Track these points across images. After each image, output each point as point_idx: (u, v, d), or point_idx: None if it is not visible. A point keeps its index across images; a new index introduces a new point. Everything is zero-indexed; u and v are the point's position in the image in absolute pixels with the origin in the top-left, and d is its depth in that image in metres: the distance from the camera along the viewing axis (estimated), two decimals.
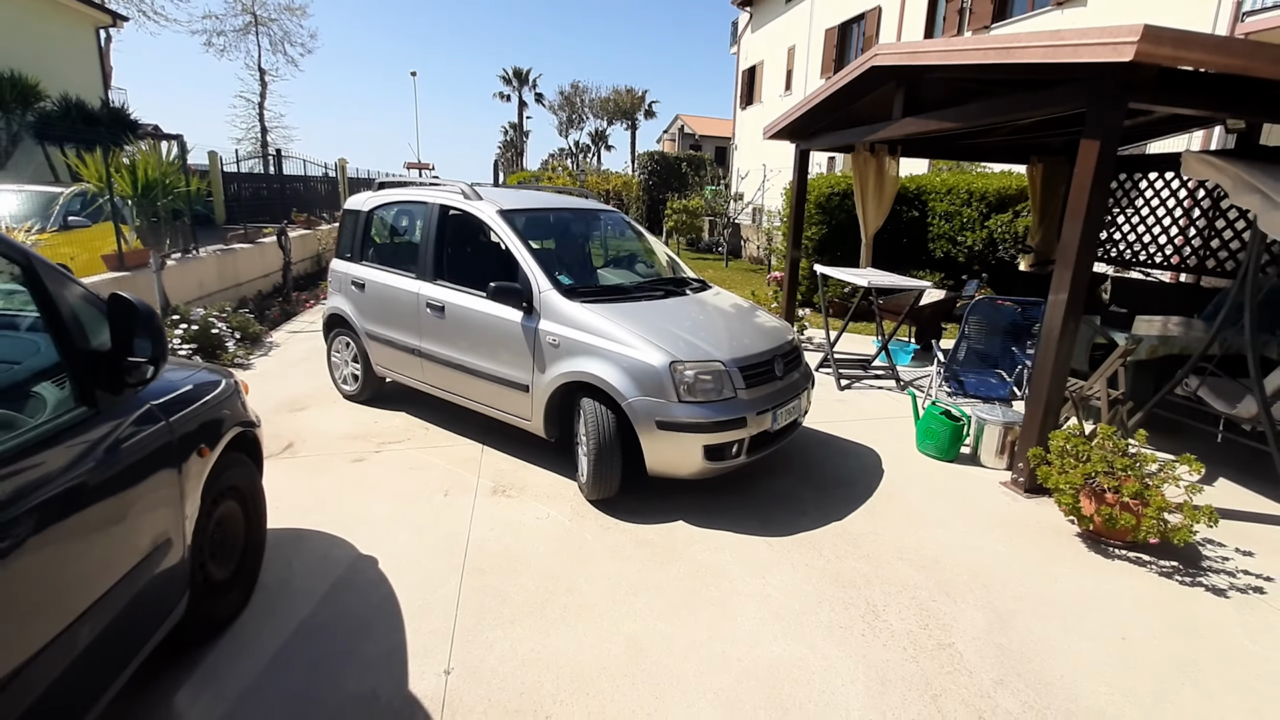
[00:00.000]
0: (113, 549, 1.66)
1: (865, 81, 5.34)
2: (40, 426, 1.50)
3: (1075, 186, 3.51)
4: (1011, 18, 12.63)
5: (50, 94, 13.44)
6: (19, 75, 12.34)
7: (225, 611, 2.46)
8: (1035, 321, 4.89)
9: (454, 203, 4.49)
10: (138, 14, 23.50)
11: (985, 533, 3.42)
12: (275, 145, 27.37)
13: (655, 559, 3.06)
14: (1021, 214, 8.55)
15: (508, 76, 47.78)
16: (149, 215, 7.65)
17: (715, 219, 19.34)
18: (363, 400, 5.17)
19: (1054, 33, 3.37)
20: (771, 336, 3.98)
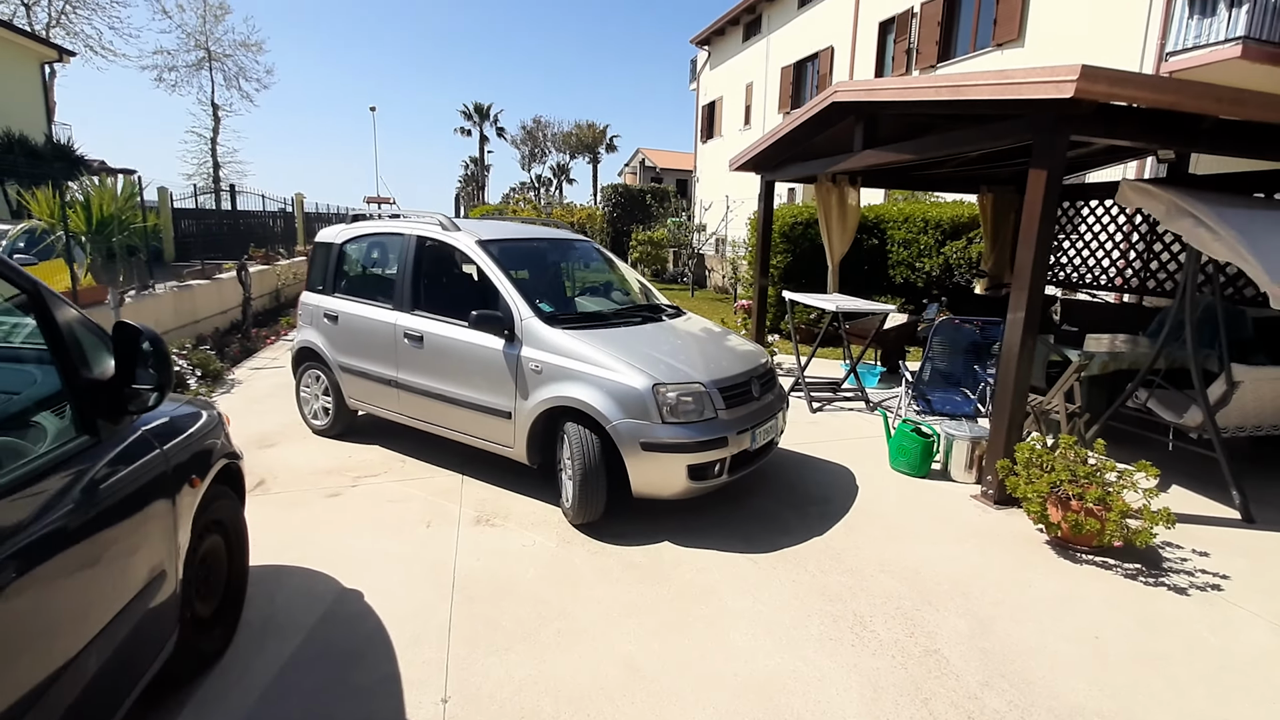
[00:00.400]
0: (113, 580, 1.63)
1: (826, 116, 5.62)
2: (43, 456, 1.48)
3: (1026, 214, 3.75)
4: (956, 57, 13.42)
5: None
6: None
7: (211, 647, 2.39)
8: (994, 341, 5.13)
9: (431, 234, 4.53)
10: (85, 49, 23.14)
11: (960, 543, 3.54)
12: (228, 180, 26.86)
13: (644, 580, 3.08)
14: (974, 240, 8.97)
15: (469, 112, 48.22)
16: (103, 252, 7.46)
17: (679, 250, 19.69)
18: (334, 435, 5.08)
19: (1001, 72, 3.64)
20: (747, 359, 4.09)
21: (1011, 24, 12.00)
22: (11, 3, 21.64)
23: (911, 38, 14.44)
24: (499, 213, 26.68)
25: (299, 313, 5.27)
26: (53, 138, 16.64)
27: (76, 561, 1.49)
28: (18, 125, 14.46)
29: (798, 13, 18.85)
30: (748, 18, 21.68)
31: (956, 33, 13.63)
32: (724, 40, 23.75)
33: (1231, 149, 4.32)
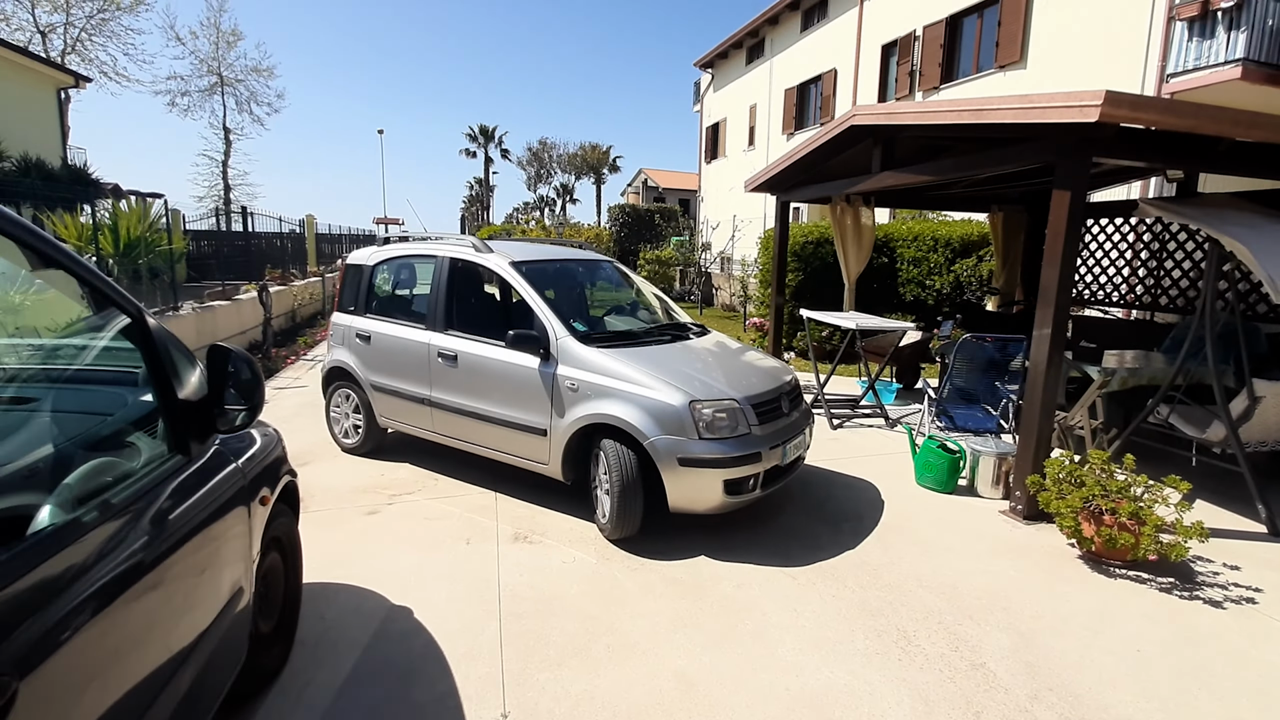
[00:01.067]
0: (206, 596, 1.69)
1: (844, 139, 5.74)
2: (145, 475, 1.55)
3: (1051, 233, 3.84)
4: (959, 79, 13.65)
5: (9, 153, 13.31)
6: None
7: (270, 665, 2.44)
8: (1013, 357, 5.20)
9: (464, 255, 4.64)
10: (100, 75, 23.58)
11: (994, 558, 3.58)
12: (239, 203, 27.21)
13: (687, 596, 3.12)
14: (984, 258, 9.09)
15: (474, 134, 48.84)
16: (130, 273, 7.60)
17: (687, 269, 19.85)
18: (364, 452, 5.15)
19: (1024, 96, 3.75)
20: (775, 376, 4.15)
21: (1013, 46, 12.23)
22: (28, 30, 22.12)
23: (914, 60, 14.71)
24: (506, 233, 26.94)
25: (329, 333, 5.36)
26: (68, 161, 16.93)
27: (177, 579, 1.55)
28: (35, 149, 14.73)
29: (801, 36, 19.20)
30: (750, 41, 22.07)
31: (959, 55, 13.88)
32: (727, 63, 24.15)
33: (1244, 169, 4.43)
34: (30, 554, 1.14)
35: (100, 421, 1.73)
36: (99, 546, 1.28)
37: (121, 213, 7.93)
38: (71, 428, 1.63)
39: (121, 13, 23.58)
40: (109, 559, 1.29)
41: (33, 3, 22.01)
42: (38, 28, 22.33)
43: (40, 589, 1.12)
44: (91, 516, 1.28)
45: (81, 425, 1.68)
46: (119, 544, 1.33)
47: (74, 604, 1.17)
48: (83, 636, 1.17)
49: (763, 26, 20.88)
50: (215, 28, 28.39)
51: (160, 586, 1.45)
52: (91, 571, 1.24)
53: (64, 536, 1.21)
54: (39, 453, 1.45)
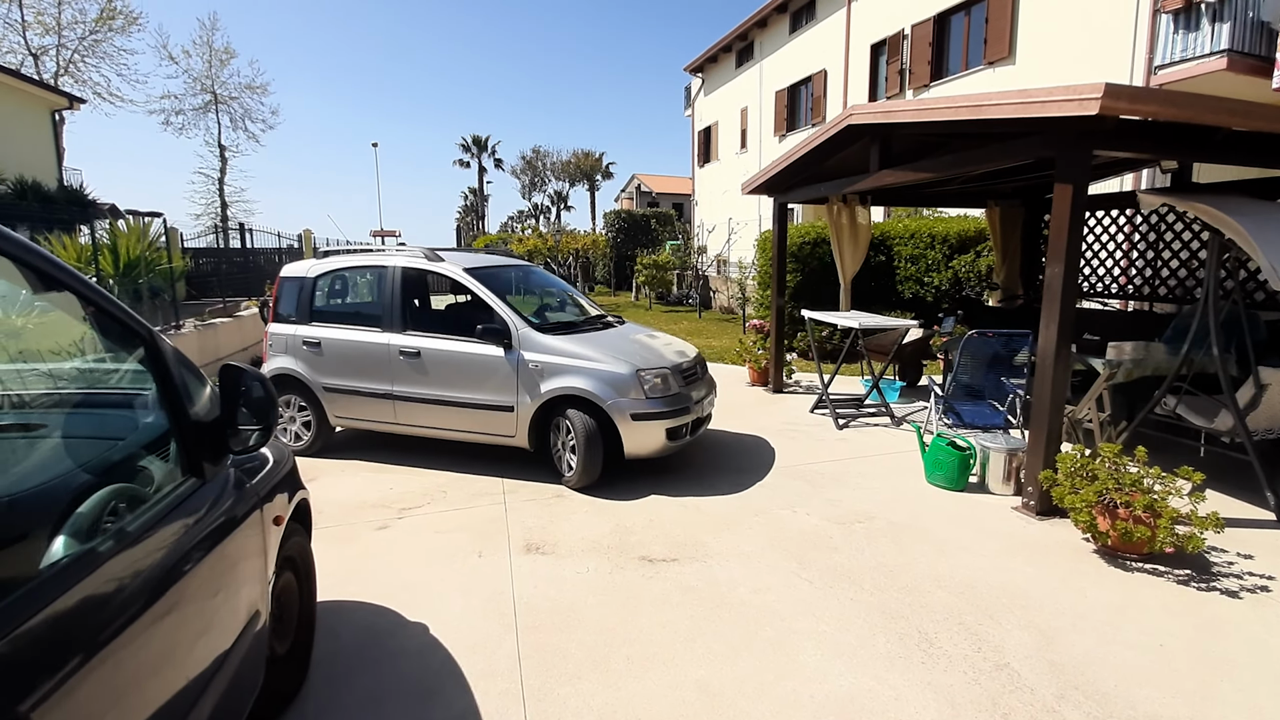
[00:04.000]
0: (225, 621, 1.66)
1: (841, 139, 5.75)
2: (161, 500, 1.52)
3: (1054, 227, 3.84)
4: (948, 76, 13.71)
5: (5, 176, 13.27)
6: None
7: (287, 687, 2.41)
8: (1018, 352, 5.20)
9: (417, 264, 5.22)
10: (93, 96, 23.54)
11: (1010, 556, 3.56)
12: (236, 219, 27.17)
13: (704, 604, 3.10)
14: (983, 254, 9.10)
15: (467, 144, 48.93)
16: (130, 293, 7.57)
17: (684, 272, 19.87)
18: (313, 453, 5.41)
19: (1023, 91, 3.75)
20: (688, 352, 5.22)
21: (1001, 43, 12.30)
22: (20, 52, 22.10)
23: (904, 58, 14.78)
24: (502, 242, 26.97)
25: (269, 344, 5.50)
26: (64, 183, 16.88)
27: (195, 605, 1.52)
28: (30, 171, 14.67)
29: (790, 38, 19.28)
30: (740, 44, 22.16)
31: (948, 53, 13.95)
32: (717, 67, 24.24)
33: (1239, 159, 4.43)
34: (45, 588, 1.11)
35: (112, 446, 1.70)
36: (115, 577, 1.25)
37: (120, 233, 7.91)
38: (83, 454, 1.60)
39: (114, 34, 23.57)
40: (125, 589, 1.26)
41: (24, 25, 22.00)
42: (29, 50, 22.29)
43: (55, 623, 1.09)
44: (107, 546, 1.25)
45: (93, 451, 1.65)
46: (135, 573, 1.31)
47: (91, 637, 1.15)
48: (101, 671, 1.15)
49: (751, 29, 20.97)
50: (208, 46, 28.34)
51: (178, 614, 1.42)
52: (108, 603, 1.21)
53: (79, 568, 1.18)
54: (50, 481, 1.42)
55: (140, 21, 24.11)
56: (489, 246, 26.96)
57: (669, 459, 5.21)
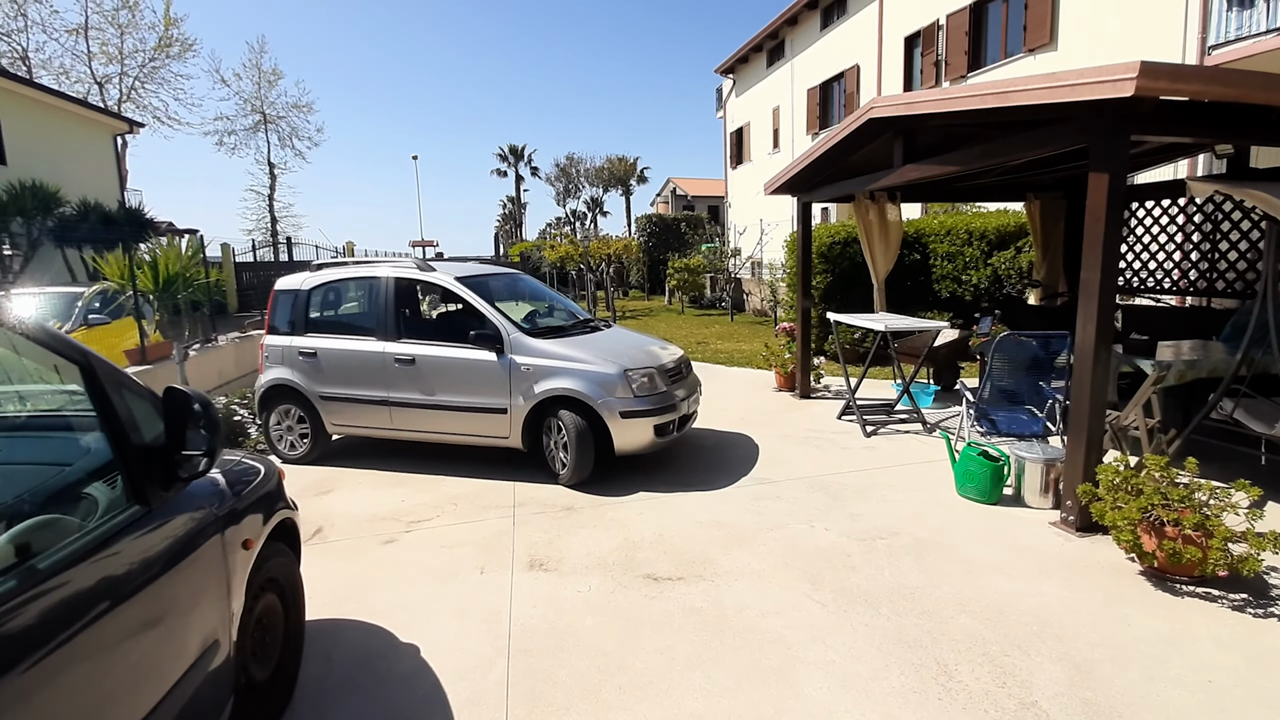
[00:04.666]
0: (165, 655, 1.59)
1: (863, 133, 5.51)
2: (94, 530, 1.46)
3: (1090, 220, 3.55)
4: (986, 66, 13.18)
5: (70, 198, 13.98)
6: (39, 184, 12.86)
7: (268, 715, 2.34)
8: (1058, 354, 4.86)
9: (409, 274, 5.35)
10: (153, 120, 24.75)
11: (1045, 577, 3.28)
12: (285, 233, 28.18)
13: (707, 628, 2.93)
14: (1023, 250, 8.65)
15: (504, 154, 49.60)
16: (170, 308, 7.81)
17: (716, 275, 19.63)
18: (309, 461, 5.48)
19: (1050, 74, 3.49)
20: (673, 353, 5.38)
21: (1042, 28, 11.75)
22: (86, 82, 23.39)
23: (939, 50, 14.28)
24: (537, 249, 27.18)
25: (264, 355, 5.57)
26: (125, 203, 17.74)
27: (127, 636, 1.46)
28: (93, 194, 15.46)
29: (821, 34, 18.90)
30: (770, 43, 21.84)
31: (985, 41, 13.42)
32: (748, 67, 23.95)
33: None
34: None
35: (57, 473, 1.66)
36: (18, 617, 1.18)
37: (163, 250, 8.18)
38: (23, 481, 1.56)
39: (171, 60, 24.74)
40: (31, 631, 1.19)
41: (90, 56, 23.29)
42: (95, 79, 23.57)
43: None
44: (8, 587, 1.18)
45: (36, 478, 1.61)
46: (44, 613, 1.24)
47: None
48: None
49: (782, 28, 20.65)
50: (257, 68, 29.53)
51: (96, 655, 1.35)
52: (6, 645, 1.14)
53: None
54: None
55: (195, 47, 25.22)
56: (523, 254, 27.23)
57: (686, 468, 5.07)
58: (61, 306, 7.85)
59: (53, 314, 7.65)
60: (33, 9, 22.07)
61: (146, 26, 24.08)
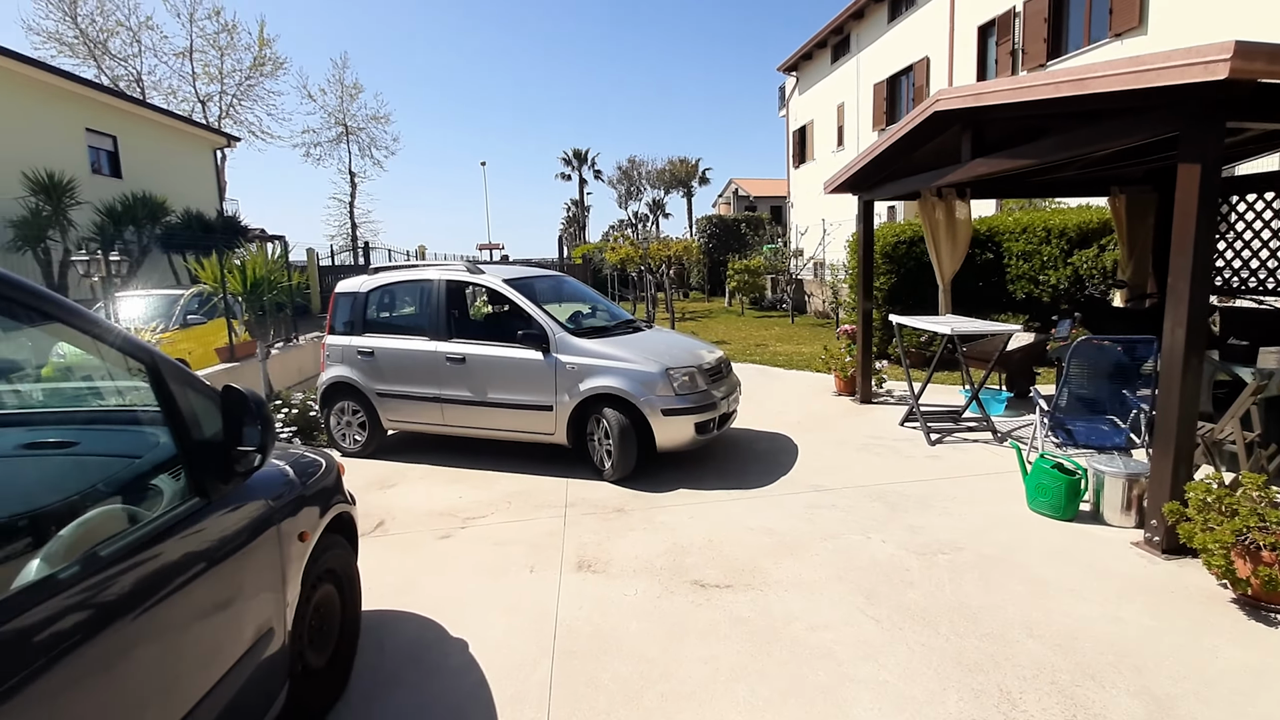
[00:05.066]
0: (221, 640, 1.68)
1: (928, 128, 5.28)
2: (156, 520, 1.55)
3: (1179, 215, 3.27)
4: (1068, 53, 12.43)
5: (175, 208, 15.16)
6: (149, 195, 14.00)
7: (323, 701, 2.44)
8: (1144, 360, 4.51)
9: (459, 277, 5.56)
10: (248, 134, 26.59)
11: (1124, 602, 3.04)
12: (363, 239, 29.67)
13: (753, 639, 2.87)
14: (1108, 248, 8.09)
15: (568, 158, 50.45)
16: (256, 309, 8.32)
17: (777, 276, 19.30)
18: (366, 455, 5.75)
19: (1134, 59, 3.23)
20: (714, 352, 5.47)
21: (1131, 11, 10.96)
22: (191, 100, 25.38)
23: (1015, 38, 13.56)
24: (599, 251, 27.49)
25: (326, 354, 5.84)
26: (222, 212, 19.11)
27: (185, 623, 1.54)
28: (195, 203, 16.76)
29: (888, 27, 18.30)
30: (835, 39, 21.31)
31: (1066, 27, 12.65)
32: (811, 64, 23.45)
33: None
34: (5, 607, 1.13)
35: (128, 464, 1.78)
36: (79, 602, 1.26)
37: (251, 255, 8.74)
38: (95, 473, 1.68)
39: (264, 78, 26.54)
40: (91, 615, 1.28)
41: (194, 76, 25.29)
42: (198, 98, 25.60)
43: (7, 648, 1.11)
44: (72, 572, 1.27)
45: (107, 470, 1.73)
46: (103, 599, 1.32)
47: (48, 661, 1.16)
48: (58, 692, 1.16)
49: (847, 22, 20.12)
50: (340, 83, 31.33)
51: (154, 637, 1.43)
52: (66, 629, 1.22)
53: (42, 592, 1.20)
54: (48, 501, 1.49)
55: (285, 65, 26.96)
56: (585, 256, 27.57)
57: (738, 472, 5.00)
58: (164, 307, 8.55)
59: (157, 314, 8.34)
60: (146, 36, 24.15)
61: (243, 47, 25.90)
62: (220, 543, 1.72)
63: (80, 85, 14.36)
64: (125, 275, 9.54)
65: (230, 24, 25.32)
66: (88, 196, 12.92)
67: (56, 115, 13.56)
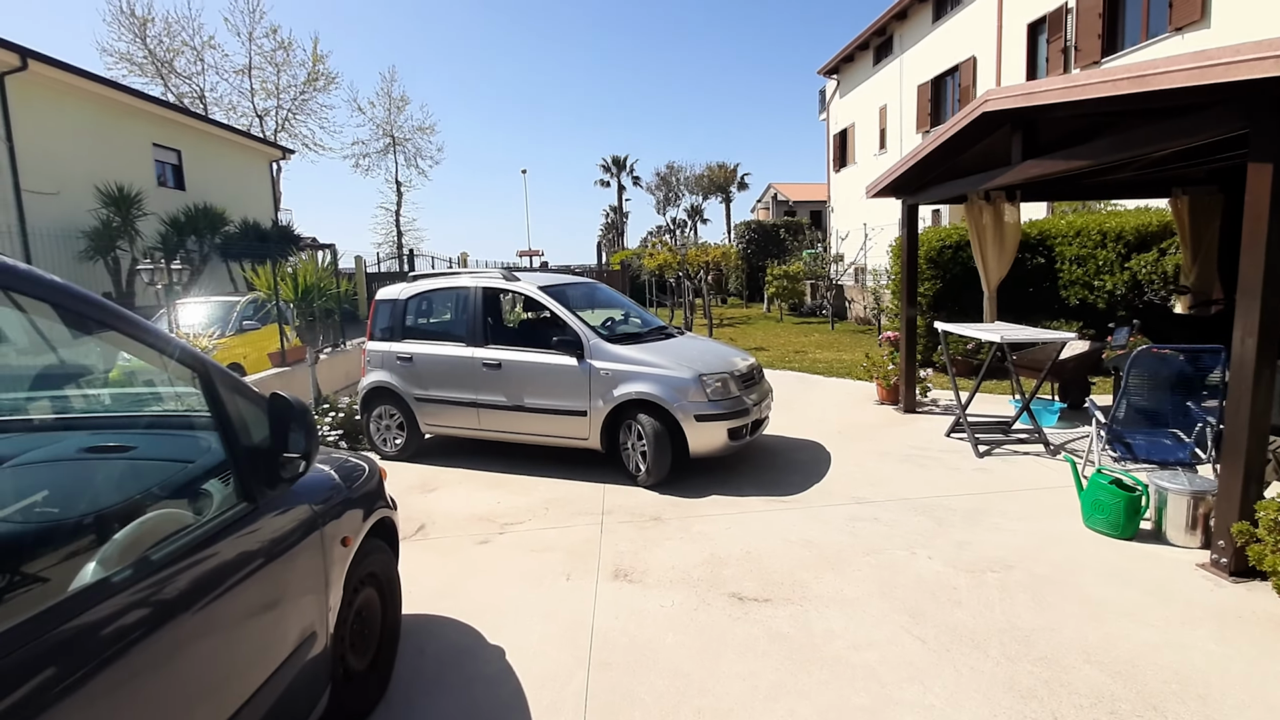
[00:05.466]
0: (266, 644, 1.72)
1: (975, 129, 5.13)
2: (206, 524, 1.60)
3: (1249, 216, 3.09)
4: (1124, 49, 11.92)
5: (233, 218, 15.83)
6: (210, 206, 14.65)
7: (363, 704, 2.48)
8: (1209, 371, 4.27)
9: (495, 284, 5.67)
10: (302, 147, 27.65)
11: (1188, 627, 2.87)
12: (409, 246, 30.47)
13: (793, 656, 2.80)
14: (1168, 252, 7.71)
15: (607, 165, 50.81)
16: (306, 315, 8.61)
17: (817, 282, 19.02)
18: (404, 458, 5.84)
19: (1198, 54, 3.07)
20: (746, 358, 5.46)
21: (1193, 3, 10.44)
22: (249, 115, 26.54)
23: (1067, 35, 13.08)
24: (637, 257, 27.59)
25: (366, 359, 5.98)
26: (277, 222, 19.89)
27: (231, 626, 1.58)
28: (252, 214, 17.49)
29: (932, 27, 17.88)
30: (877, 40, 20.94)
31: (1123, 22, 12.13)
32: (853, 66, 23.09)
33: None
34: (59, 612, 1.18)
35: (182, 468, 1.84)
36: (132, 604, 1.31)
37: (302, 263, 9.05)
38: (151, 477, 1.74)
39: (317, 92, 27.59)
40: (143, 617, 1.32)
41: (252, 92, 26.47)
42: (256, 113, 26.77)
43: (65, 648, 1.15)
44: (126, 575, 1.31)
45: (161, 474, 1.79)
46: (155, 601, 1.36)
47: (102, 661, 1.20)
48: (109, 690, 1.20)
49: (890, 23, 19.74)
50: (388, 95, 32.25)
51: (202, 641, 1.48)
52: (120, 629, 1.26)
53: (98, 594, 1.25)
54: (107, 503, 1.55)
55: (337, 80, 27.95)
56: (623, 262, 27.69)
57: (777, 482, 4.93)
58: (222, 313, 8.94)
59: (215, 320, 8.72)
60: (209, 55, 25.37)
61: (298, 64, 26.98)
62: (267, 546, 1.76)
63: (148, 102, 15.12)
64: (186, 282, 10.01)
65: (286, 41, 26.43)
66: (154, 208, 13.59)
67: (127, 131, 14.31)
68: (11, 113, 11.36)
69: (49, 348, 2.05)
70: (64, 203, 12.10)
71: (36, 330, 2.08)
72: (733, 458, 5.37)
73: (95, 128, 13.42)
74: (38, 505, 1.59)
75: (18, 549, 1.38)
